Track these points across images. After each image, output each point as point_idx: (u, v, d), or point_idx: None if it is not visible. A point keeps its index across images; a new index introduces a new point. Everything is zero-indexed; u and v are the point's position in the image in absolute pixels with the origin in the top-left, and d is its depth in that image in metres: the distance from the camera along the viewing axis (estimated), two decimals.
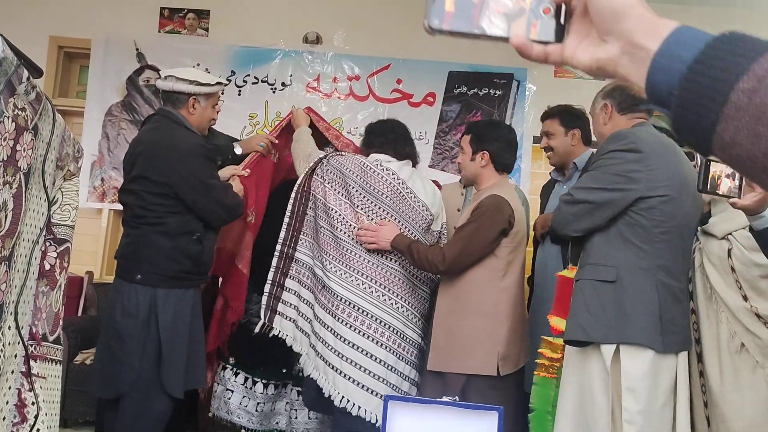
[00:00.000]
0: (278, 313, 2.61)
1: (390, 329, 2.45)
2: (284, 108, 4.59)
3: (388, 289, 2.49)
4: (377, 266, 2.50)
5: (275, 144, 2.95)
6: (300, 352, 2.57)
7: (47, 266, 1.56)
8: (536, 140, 4.01)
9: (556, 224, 2.15)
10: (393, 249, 2.45)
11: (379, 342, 2.43)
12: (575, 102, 2.97)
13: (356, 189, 2.54)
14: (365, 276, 2.48)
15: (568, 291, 2.12)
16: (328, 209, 2.56)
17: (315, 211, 2.63)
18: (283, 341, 2.62)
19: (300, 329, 2.58)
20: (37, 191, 1.47)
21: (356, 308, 2.44)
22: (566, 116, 2.86)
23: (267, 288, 2.62)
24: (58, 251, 1.60)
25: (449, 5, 0.60)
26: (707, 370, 2.05)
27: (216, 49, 4.61)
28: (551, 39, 0.63)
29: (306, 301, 2.58)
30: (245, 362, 2.99)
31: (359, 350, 2.42)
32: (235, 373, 2.98)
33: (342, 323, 2.43)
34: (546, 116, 2.93)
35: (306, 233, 2.64)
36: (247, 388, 2.97)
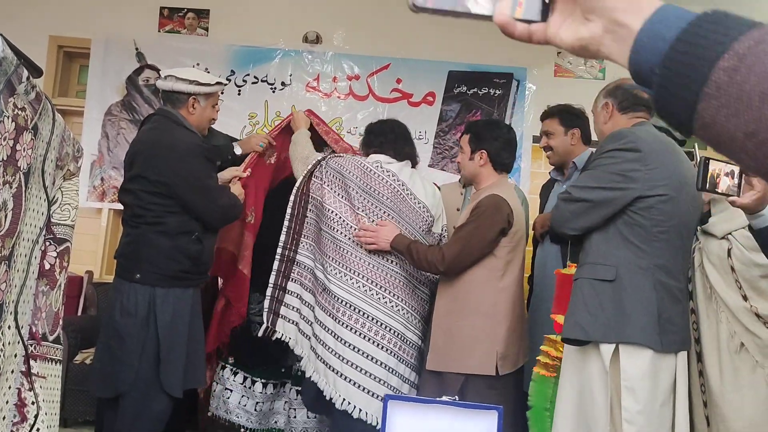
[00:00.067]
0: (281, 316, 2.61)
1: (390, 331, 2.45)
2: (284, 107, 4.59)
3: (389, 291, 2.48)
4: (377, 268, 2.50)
5: (273, 145, 2.95)
6: (301, 355, 2.57)
7: (47, 266, 1.56)
8: (536, 140, 4.01)
9: (555, 222, 2.15)
10: (392, 249, 2.45)
11: (380, 344, 2.43)
12: (575, 101, 2.97)
13: (356, 191, 2.53)
14: (365, 278, 2.48)
15: (568, 288, 2.12)
16: (328, 211, 2.55)
17: (315, 214, 2.63)
18: (282, 341, 2.62)
19: (301, 332, 2.58)
20: (37, 191, 1.47)
21: (357, 311, 2.44)
22: (566, 116, 2.86)
23: (269, 291, 2.62)
24: (58, 251, 1.60)
25: None
26: (707, 370, 2.05)
27: (216, 49, 4.61)
28: (536, 18, 0.62)
29: (307, 304, 2.58)
30: (244, 362, 2.99)
31: (360, 353, 2.41)
32: (234, 373, 2.98)
33: (343, 326, 2.43)
34: (545, 116, 2.93)
35: (307, 236, 2.64)
36: (246, 388, 2.98)
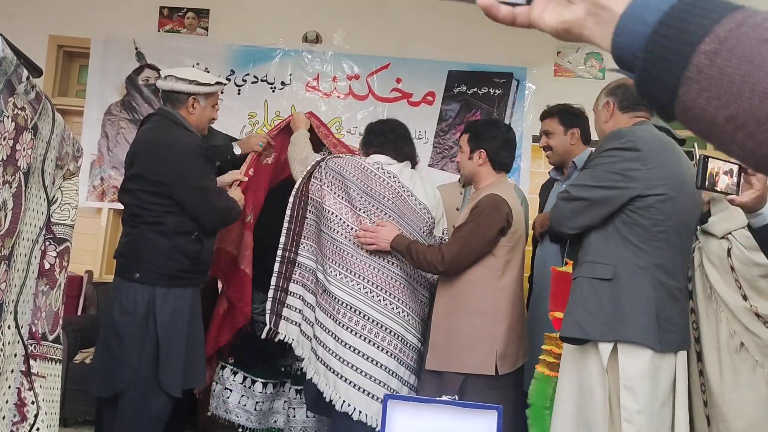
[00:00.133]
0: (283, 318, 2.61)
1: (391, 334, 2.44)
2: (284, 107, 4.59)
3: (389, 293, 2.48)
4: (378, 270, 2.49)
5: (272, 144, 2.95)
6: (302, 356, 2.57)
7: (47, 265, 1.56)
8: (536, 139, 4.01)
9: (554, 221, 2.16)
10: (392, 249, 2.45)
11: (381, 346, 2.42)
12: (574, 101, 2.97)
13: (357, 192, 2.53)
14: (366, 280, 2.47)
15: (563, 285, 2.13)
16: (327, 213, 2.54)
17: (314, 215, 2.62)
18: (282, 341, 2.62)
19: (303, 333, 2.58)
20: (37, 190, 1.47)
21: (357, 312, 2.43)
22: (565, 115, 2.86)
23: (271, 293, 2.62)
24: (58, 250, 1.60)
25: None
26: (707, 370, 2.05)
27: (215, 49, 4.61)
28: (520, 1, 0.62)
29: (309, 305, 2.58)
30: (244, 362, 2.98)
31: (361, 354, 2.41)
32: (234, 372, 2.98)
33: (343, 327, 2.42)
34: (545, 115, 2.93)
35: (307, 237, 2.63)
36: (246, 388, 2.97)
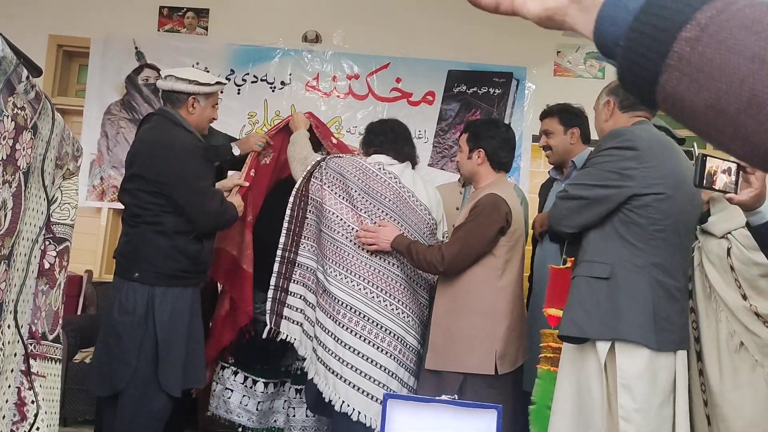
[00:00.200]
0: (284, 317, 2.60)
1: (391, 335, 2.44)
2: (283, 107, 4.59)
3: (389, 294, 2.47)
4: (378, 271, 2.49)
5: (270, 144, 2.94)
6: (305, 356, 2.57)
7: (46, 265, 1.56)
8: (535, 139, 4.01)
9: (552, 220, 2.16)
10: (393, 249, 2.45)
11: (380, 347, 2.42)
12: (574, 101, 2.97)
13: (358, 192, 2.53)
14: (366, 280, 2.47)
15: (560, 282, 2.13)
16: (328, 213, 2.54)
17: (314, 215, 2.62)
18: (282, 340, 2.62)
19: (306, 333, 2.58)
20: (37, 190, 1.47)
21: (357, 313, 2.43)
22: (565, 115, 2.86)
23: (270, 293, 2.62)
24: (58, 250, 1.60)
25: None
26: (707, 369, 2.05)
27: (215, 48, 4.61)
28: None
29: (311, 305, 2.58)
30: (244, 362, 2.98)
31: (360, 355, 2.41)
32: (234, 373, 2.97)
33: (343, 328, 2.42)
34: (545, 115, 2.93)
35: (307, 237, 2.63)
36: (247, 388, 2.97)
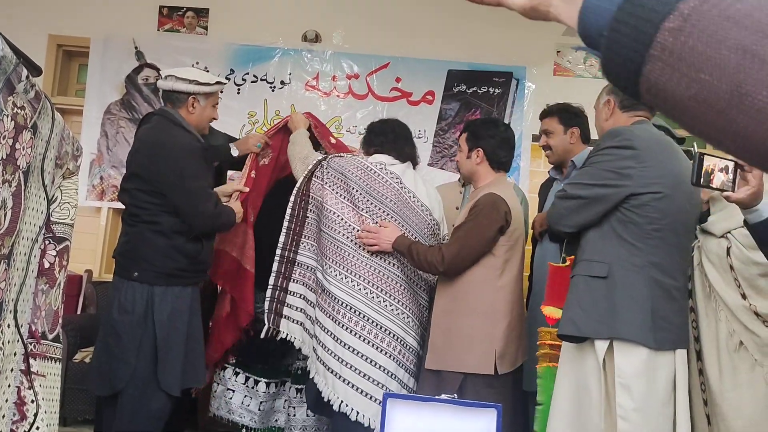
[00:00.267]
0: (284, 317, 2.60)
1: (390, 335, 2.44)
2: (283, 106, 4.59)
3: (389, 295, 2.47)
4: (378, 271, 2.49)
5: (269, 145, 2.94)
6: (308, 354, 2.57)
7: (46, 264, 1.56)
8: (535, 139, 4.01)
9: (551, 219, 2.17)
10: (394, 250, 2.45)
11: (380, 348, 2.42)
12: (574, 100, 2.97)
13: (359, 192, 2.53)
14: (366, 281, 2.47)
15: (559, 280, 2.13)
16: (328, 212, 2.54)
17: (315, 214, 2.62)
18: (282, 340, 2.62)
19: (307, 331, 2.57)
20: (37, 189, 1.47)
21: (357, 313, 2.43)
22: (565, 114, 2.86)
23: (269, 293, 2.61)
24: (57, 249, 1.60)
25: None
26: (706, 369, 2.05)
27: (215, 48, 4.61)
28: None
29: (312, 303, 2.58)
30: (245, 362, 2.98)
31: (360, 355, 2.40)
32: (236, 373, 2.97)
33: (343, 327, 2.42)
34: (545, 114, 2.93)
35: (308, 236, 2.63)
36: (249, 388, 2.96)
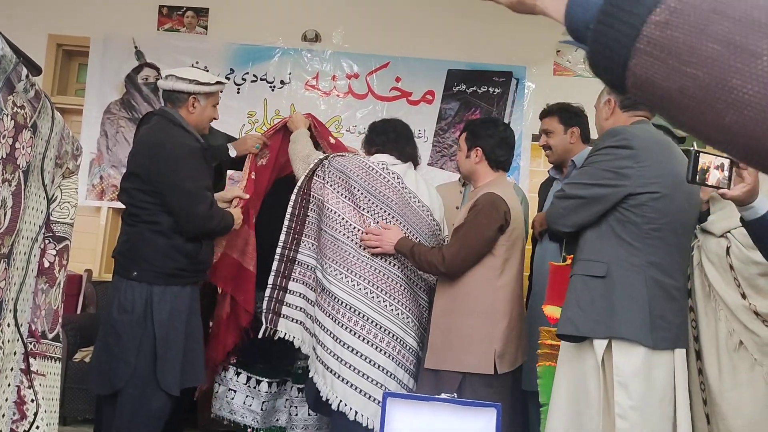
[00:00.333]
0: (283, 316, 2.59)
1: (390, 335, 2.44)
2: (283, 106, 4.59)
3: (389, 295, 2.47)
4: (379, 271, 2.48)
5: (267, 145, 2.94)
6: (308, 353, 2.56)
7: (46, 264, 1.56)
8: (535, 138, 4.01)
9: (549, 219, 2.17)
10: (397, 252, 2.45)
11: (379, 348, 2.42)
12: (574, 100, 2.97)
13: (361, 191, 2.52)
14: (366, 280, 2.46)
15: (560, 279, 2.13)
16: (329, 212, 2.54)
17: (316, 213, 2.61)
18: (282, 340, 2.61)
19: (308, 330, 2.57)
20: (36, 189, 1.47)
21: (356, 312, 2.43)
22: (565, 114, 2.86)
23: (267, 292, 2.61)
24: (57, 249, 1.60)
25: None
26: (706, 368, 2.05)
27: (215, 47, 4.61)
28: None
29: (312, 302, 2.57)
30: (246, 361, 2.98)
31: (359, 355, 2.40)
32: (237, 373, 2.96)
33: (342, 327, 2.42)
34: (545, 114, 2.93)
35: (308, 235, 2.62)
36: (251, 388, 2.95)
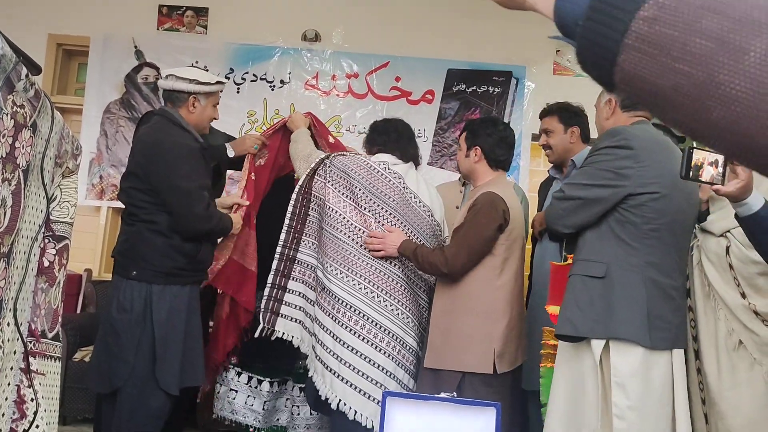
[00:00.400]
0: (282, 316, 2.59)
1: (390, 335, 2.44)
2: (283, 106, 4.59)
3: (390, 295, 2.47)
4: (379, 271, 2.48)
5: (266, 145, 2.94)
6: (307, 353, 2.56)
7: (46, 263, 1.56)
8: (535, 138, 4.01)
9: (549, 220, 2.17)
10: (400, 255, 2.45)
11: (379, 347, 2.42)
12: (574, 99, 2.96)
13: (362, 191, 2.52)
14: (367, 280, 2.46)
15: (560, 278, 2.13)
16: (331, 211, 2.53)
17: (317, 212, 2.61)
18: (283, 340, 2.61)
19: (307, 330, 2.57)
20: (36, 188, 1.47)
21: (357, 312, 2.42)
22: (565, 113, 2.86)
23: (266, 291, 2.60)
24: (57, 248, 1.60)
25: None
26: (705, 368, 2.05)
27: (214, 47, 4.61)
28: None
29: (312, 302, 2.57)
30: (246, 362, 2.98)
31: (358, 354, 2.40)
32: (238, 374, 2.96)
33: (342, 326, 2.42)
34: (545, 113, 2.93)
35: (309, 234, 2.62)
36: (252, 388, 2.95)
